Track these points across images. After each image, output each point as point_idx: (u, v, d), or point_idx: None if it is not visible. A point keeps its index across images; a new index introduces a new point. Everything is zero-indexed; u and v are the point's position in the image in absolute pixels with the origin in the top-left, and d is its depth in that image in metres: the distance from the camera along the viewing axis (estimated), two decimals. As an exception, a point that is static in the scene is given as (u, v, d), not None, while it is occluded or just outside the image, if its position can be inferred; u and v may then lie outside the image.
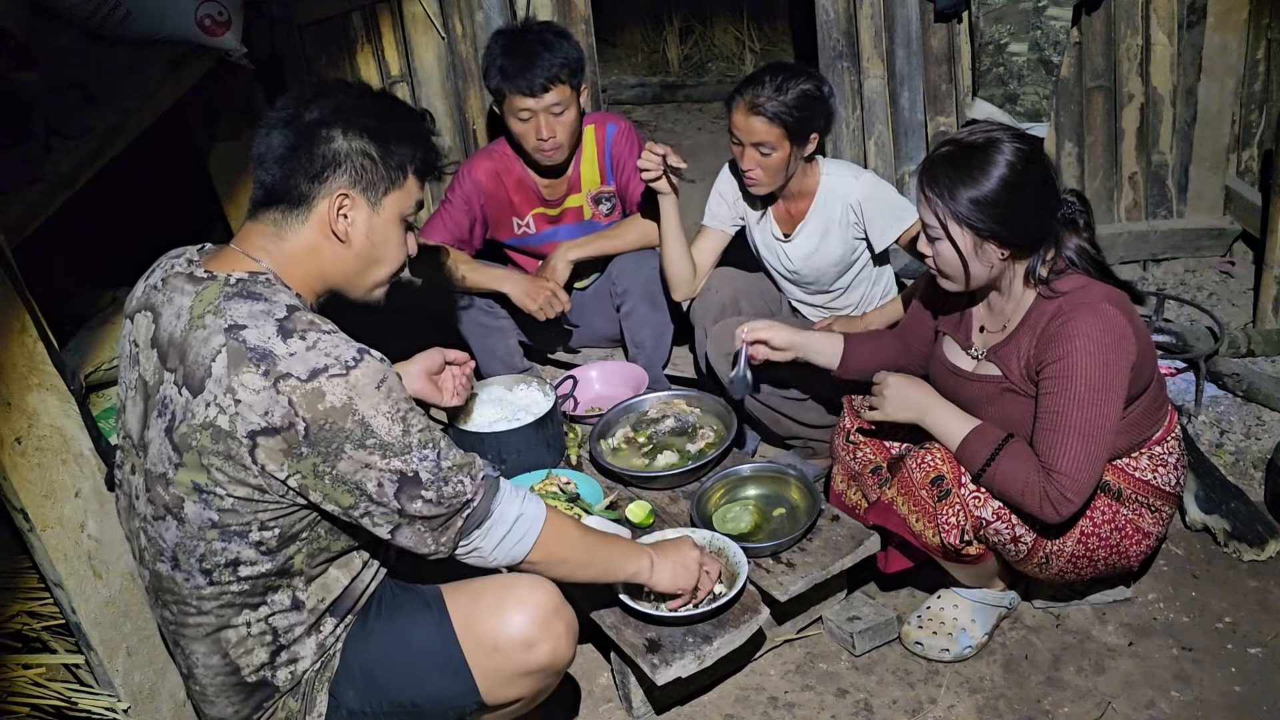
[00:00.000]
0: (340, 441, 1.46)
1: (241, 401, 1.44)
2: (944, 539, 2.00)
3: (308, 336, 1.47)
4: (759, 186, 2.59)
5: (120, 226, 2.65)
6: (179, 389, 1.50)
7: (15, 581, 1.76)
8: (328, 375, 1.45)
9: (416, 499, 1.52)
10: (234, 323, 1.48)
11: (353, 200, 1.59)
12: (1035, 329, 1.96)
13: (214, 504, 1.50)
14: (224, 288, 1.53)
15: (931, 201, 1.94)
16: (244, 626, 1.59)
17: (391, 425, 1.49)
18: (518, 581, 1.68)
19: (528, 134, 2.72)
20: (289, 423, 1.44)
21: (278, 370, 1.44)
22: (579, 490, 2.31)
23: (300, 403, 1.44)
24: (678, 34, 5.74)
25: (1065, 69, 3.30)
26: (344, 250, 1.62)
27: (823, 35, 3.37)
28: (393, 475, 1.50)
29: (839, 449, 2.34)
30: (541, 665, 1.65)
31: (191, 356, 1.49)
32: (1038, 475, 1.91)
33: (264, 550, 1.55)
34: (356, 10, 3.19)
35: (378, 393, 1.48)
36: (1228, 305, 3.28)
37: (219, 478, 1.48)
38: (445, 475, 1.54)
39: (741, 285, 2.81)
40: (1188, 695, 2.06)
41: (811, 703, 2.13)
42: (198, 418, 1.47)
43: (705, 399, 2.58)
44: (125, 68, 2.24)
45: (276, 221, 1.60)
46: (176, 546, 1.55)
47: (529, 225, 2.95)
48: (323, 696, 1.65)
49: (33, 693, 1.67)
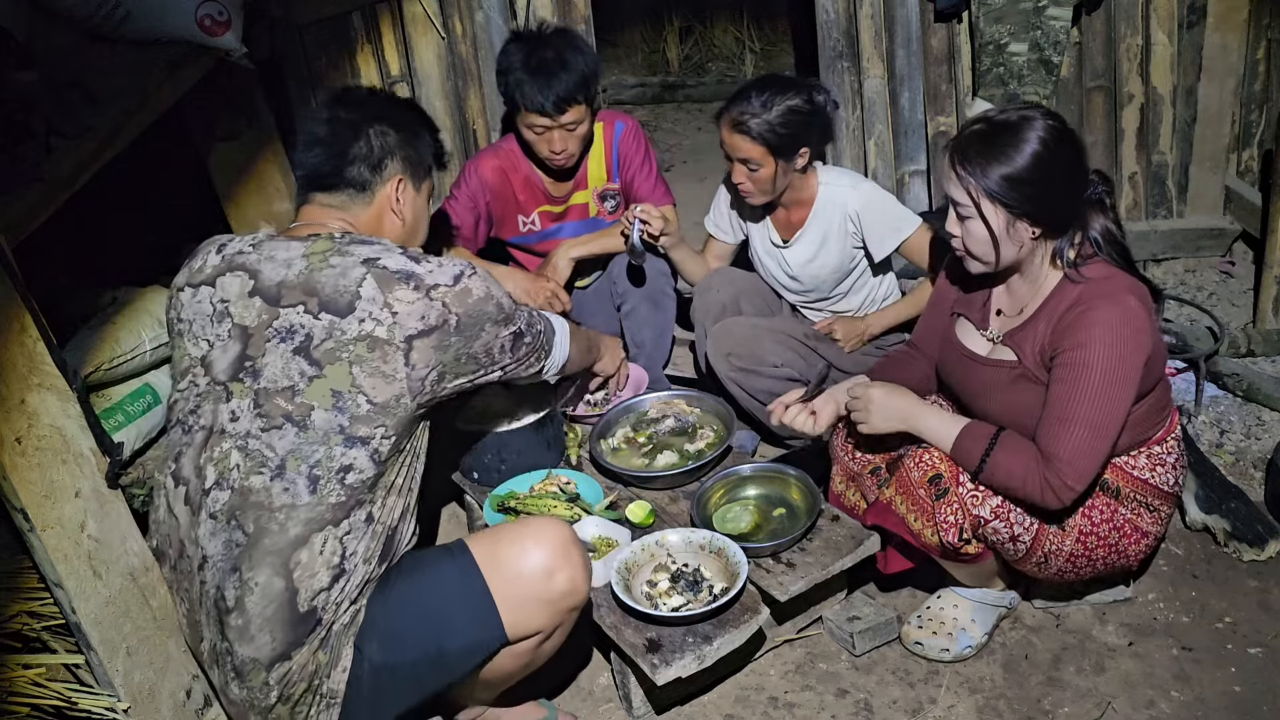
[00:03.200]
0: (483, 322, 1.80)
1: (399, 313, 1.71)
2: (943, 538, 2.00)
3: (430, 259, 1.80)
4: (752, 198, 2.62)
5: (120, 226, 2.65)
6: (316, 314, 1.73)
7: (15, 581, 1.76)
8: (466, 276, 1.79)
9: (522, 345, 1.93)
10: (367, 257, 1.75)
11: (405, 184, 1.95)
12: (1054, 315, 1.96)
13: (348, 409, 1.70)
14: (334, 240, 1.80)
15: (963, 179, 1.93)
16: (320, 544, 1.70)
17: (503, 299, 1.86)
18: (534, 521, 1.88)
19: (540, 146, 2.73)
20: (443, 320, 1.74)
21: (426, 283, 1.74)
22: (579, 490, 2.31)
23: (453, 302, 1.76)
24: (678, 34, 5.75)
25: (1065, 69, 3.31)
26: (399, 226, 1.96)
27: (823, 35, 3.37)
28: (509, 334, 1.88)
29: (837, 449, 2.33)
30: (560, 592, 1.79)
31: (329, 288, 1.73)
32: (1037, 463, 1.91)
33: (376, 460, 1.73)
34: (356, 10, 3.19)
35: (493, 281, 1.86)
36: (1228, 305, 3.28)
37: (364, 383, 1.70)
38: (531, 321, 1.96)
39: (742, 285, 2.82)
40: (1188, 695, 2.06)
41: (811, 703, 2.13)
42: (349, 333, 1.71)
43: (705, 399, 2.58)
44: (125, 68, 2.24)
45: (343, 204, 1.91)
46: (289, 454, 1.70)
47: (534, 223, 2.95)
48: (348, 650, 1.72)
49: (33, 693, 1.67)
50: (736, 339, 2.65)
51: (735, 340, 2.65)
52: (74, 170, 1.87)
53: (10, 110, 1.84)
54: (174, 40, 2.36)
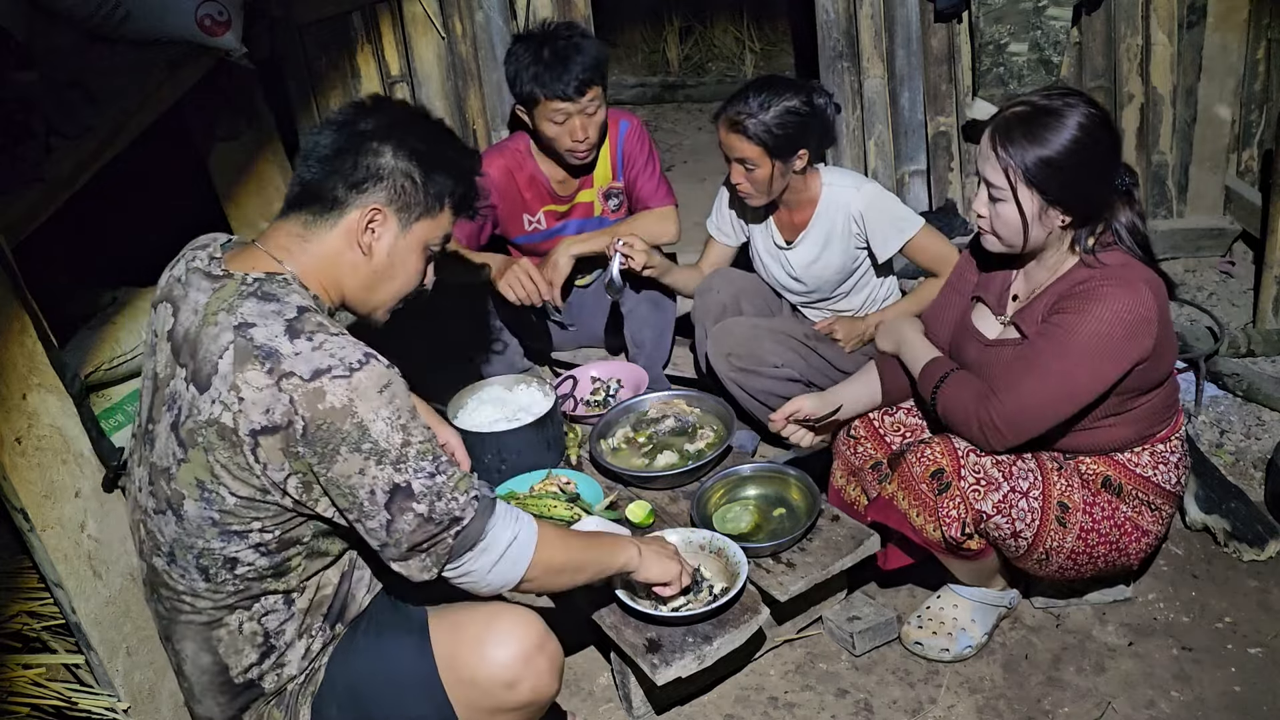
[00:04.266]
0: (337, 443, 1.45)
1: (245, 399, 1.45)
2: (945, 532, 2.00)
3: (315, 337, 1.48)
4: (750, 199, 2.62)
5: (120, 226, 2.65)
6: (187, 384, 1.51)
7: (15, 581, 1.76)
8: (330, 376, 1.45)
9: (408, 511, 1.49)
10: (244, 320, 1.49)
11: (384, 217, 1.61)
12: (1062, 289, 1.96)
13: (215, 503, 1.50)
14: (240, 286, 1.54)
15: (1002, 160, 1.92)
16: (236, 625, 1.59)
17: (391, 432, 1.47)
18: (502, 614, 1.65)
19: (562, 137, 2.71)
20: (288, 420, 1.44)
21: (281, 369, 1.45)
22: (579, 490, 2.31)
23: (300, 401, 1.44)
24: (678, 34, 5.74)
25: (1065, 69, 3.30)
26: (363, 262, 1.63)
27: (823, 35, 3.37)
28: (386, 484, 1.48)
29: (839, 444, 2.34)
30: (523, 703, 1.62)
31: (201, 353, 1.50)
32: (983, 400, 1.95)
33: (263, 551, 1.54)
34: (356, 10, 3.19)
35: (379, 397, 1.47)
36: (1228, 305, 3.28)
37: (223, 476, 1.48)
38: (439, 490, 1.51)
39: (743, 285, 2.82)
40: (1188, 695, 2.06)
41: (811, 703, 2.13)
42: (204, 414, 1.47)
43: (705, 399, 2.58)
44: (125, 68, 2.24)
45: (306, 223, 1.61)
46: (174, 542, 1.55)
47: (539, 221, 2.94)
48: (305, 709, 1.64)
49: (33, 693, 1.67)
50: (737, 339, 2.65)
51: (735, 340, 2.64)
52: (74, 170, 1.87)
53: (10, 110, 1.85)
54: (174, 40, 2.36)
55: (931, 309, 2.32)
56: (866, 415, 2.30)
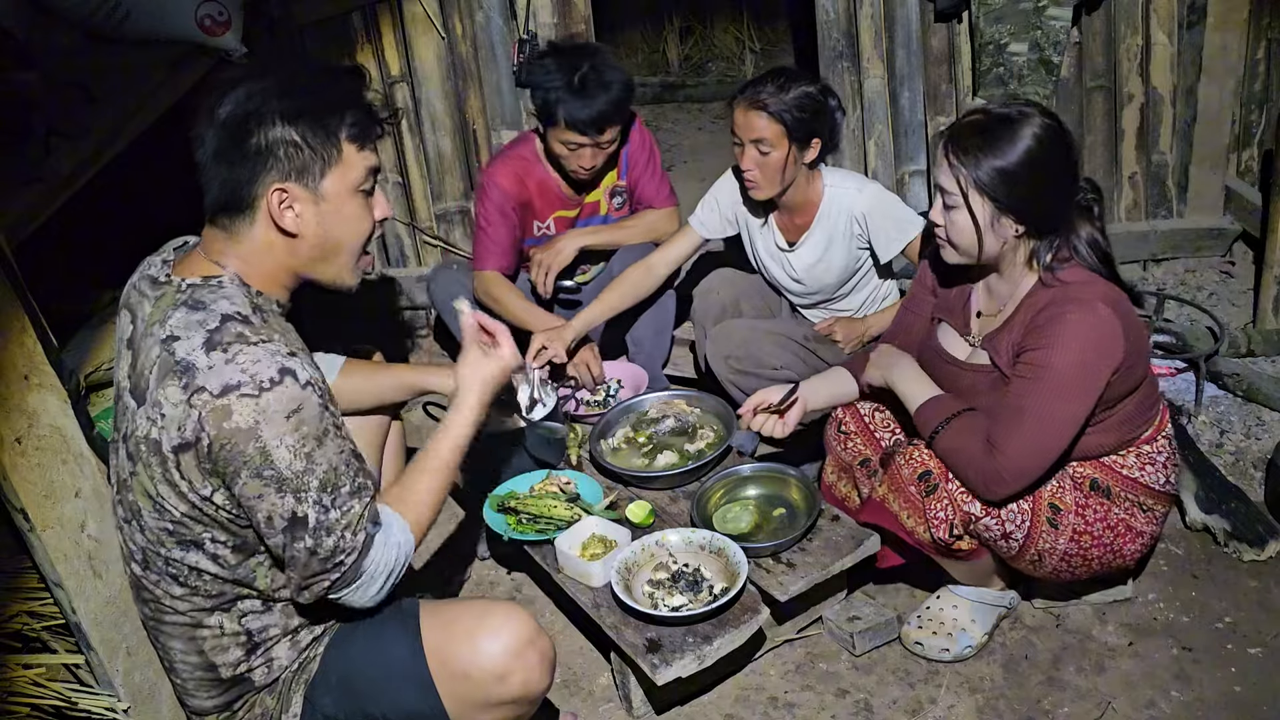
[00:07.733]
0: (239, 465, 1.44)
1: (166, 415, 1.44)
2: (934, 534, 2.00)
3: (229, 349, 1.44)
4: (757, 190, 2.57)
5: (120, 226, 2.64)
6: (132, 396, 1.52)
7: (15, 581, 1.76)
8: (238, 394, 1.42)
9: (300, 540, 1.49)
10: (170, 333, 1.48)
11: (290, 193, 1.52)
12: (1026, 318, 1.96)
13: (166, 515, 1.52)
14: (175, 295, 1.52)
15: (955, 168, 1.93)
16: (217, 627, 1.61)
17: (293, 460, 1.45)
18: (494, 609, 1.66)
19: (570, 160, 2.73)
20: (196, 437, 1.43)
21: (195, 384, 1.43)
22: (579, 490, 2.31)
23: (208, 418, 1.42)
24: (678, 34, 5.75)
25: (1065, 69, 3.30)
26: (297, 243, 1.56)
27: (823, 35, 3.37)
28: (285, 512, 1.47)
29: (831, 440, 2.34)
30: (513, 697, 1.63)
31: (139, 365, 1.50)
32: (981, 451, 1.93)
33: (222, 563, 1.56)
34: (356, 10, 3.19)
35: (286, 423, 1.44)
36: (1228, 305, 3.28)
37: (164, 490, 1.50)
38: (329, 526, 1.49)
39: (743, 287, 2.82)
40: (1188, 695, 2.06)
41: (811, 703, 2.13)
42: (141, 429, 1.49)
43: (705, 399, 2.58)
44: (125, 68, 2.24)
45: (226, 226, 1.56)
46: (145, 550, 1.59)
47: (549, 227, 2.95)
48: (298, 698, 1.65)
49: (33, 693, 1.67)
50: (736, 341, 2.64)
51: (735, 343, 2.64)
52: (74, 170, 1.87)
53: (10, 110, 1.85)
54: (174, 40, 2.37)
55: (893, 332, 2.33)
56: (857, 411, 2.30)
